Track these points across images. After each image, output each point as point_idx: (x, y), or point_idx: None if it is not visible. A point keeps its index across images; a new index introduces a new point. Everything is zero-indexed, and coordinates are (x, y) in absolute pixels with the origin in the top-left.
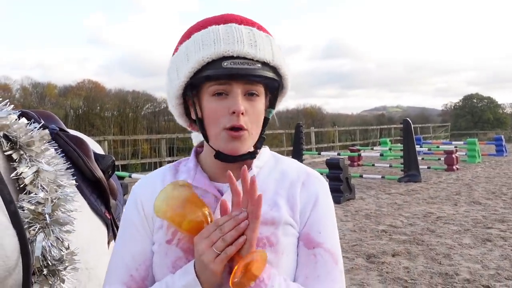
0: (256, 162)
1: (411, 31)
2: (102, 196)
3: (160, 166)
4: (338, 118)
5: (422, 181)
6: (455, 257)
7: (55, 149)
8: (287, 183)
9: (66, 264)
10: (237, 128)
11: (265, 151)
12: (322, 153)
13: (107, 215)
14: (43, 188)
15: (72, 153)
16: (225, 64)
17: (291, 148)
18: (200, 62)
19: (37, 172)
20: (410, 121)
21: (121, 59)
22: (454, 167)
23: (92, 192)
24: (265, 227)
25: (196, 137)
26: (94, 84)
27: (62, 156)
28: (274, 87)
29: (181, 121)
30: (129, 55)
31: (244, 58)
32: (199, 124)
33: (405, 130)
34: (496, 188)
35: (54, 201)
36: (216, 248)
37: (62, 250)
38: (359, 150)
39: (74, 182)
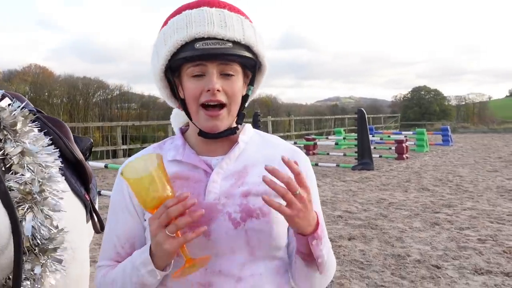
0: (242, 137)
1: (366, 24)
2: (82, 178)
3: (115, 154)
4: (293, 108)
5: (374, 169)
6: (407, 239)
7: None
8: (277, 159)
9: (56, 243)
10: (214, 105)
11: (248, 127)
12: None
13: (86, 197)
14: (29, 168)
15: (52, 134)
16: (197, 45)
17: None
18: (175, 45)
19: (22, 152)
20: (364, 111)
21: (73, 43)
22: (404, 156)
23: (73, 174)
24: (257, 198)
25: (175, 120)
26: (41, 69)
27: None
28: (251, 65)
29: (170, 102)
30: (82, 40)
31: (215, 38)
32: (182, 104)
33: (360, 120)
34: (443, 176)
35: (41, 181)
36: (168, 231)
37: (51, 229)
38: (314, 139)
39: (59, 163)
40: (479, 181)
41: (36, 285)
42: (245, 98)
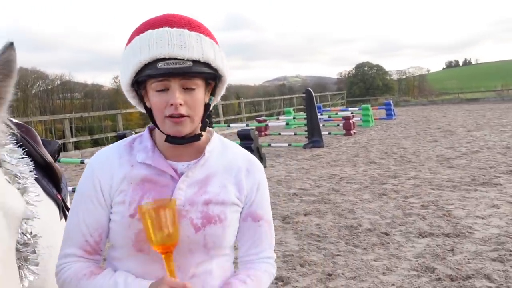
0: (207, 148)
1: (307, 3)
2: (53, 179)
3: (65, 147)
4: (242, 90)
5: (324, 146)
6: (358, 211)
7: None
8: (234, 169)
9: (31, 248)
10: (176, 115)
11: (214, 137)
12: (231, 125)
13: (58, 196)
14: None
15: (21, 140)
16: (159, 65)
17: None
18: (139, 65)
19: None
20: (312, 91)
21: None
22: (351, 131)
23: (44, 176)
24: (216, 206)
25: None
26: None
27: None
28: (212, 77)
29: (140, 108)
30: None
31: (175, 58)
32: (149, 114)
33: (308, 100)
34: (388, 149)
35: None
36: None
37: (27, 236)
38: (265, 120)
39: (33, 174)
40: (420, 151)
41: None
42: (207, 106)
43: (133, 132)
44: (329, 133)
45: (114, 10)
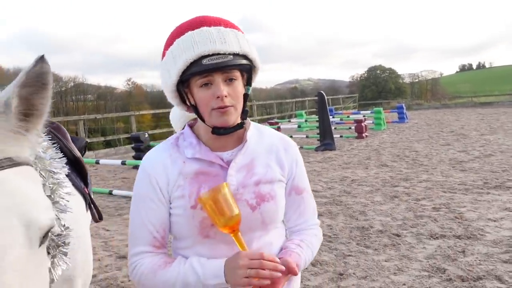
0: (247, 134)
1: (320, 6)
2: (81, 174)
3: None
4: (254, 92)
5: (336, 149)
6: (369, 213)
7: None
8: (274, 150)
9: (64, 239)
10: (223, 107)
11: (251, 124)
12: None
13: (86, 190)
14: (41, 174)
15: (53, 137)
16: (204, 61)
17: None
18: (185, 63)
19: (35, 160)
20: (324, 94)
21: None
22: (363, 134)
23: (73, 171)
24: (266, 185)
25: (174, 119)
26: None
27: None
28: (248, 69)
29: (180, 107)
30: (30, 31)
31: (218, 54)
32: (194, 109)
33: (320, 102)
34: (400, 152)
35: (51, 186)
36: (249, 272)
37: (60, 228)
38: (277, 123)
39: (66, 169)
40: (433, 154)
41: (50, 276)
42: (245, 96)
43: (146, 133)
44: (341, 136)
45: (127, 13)
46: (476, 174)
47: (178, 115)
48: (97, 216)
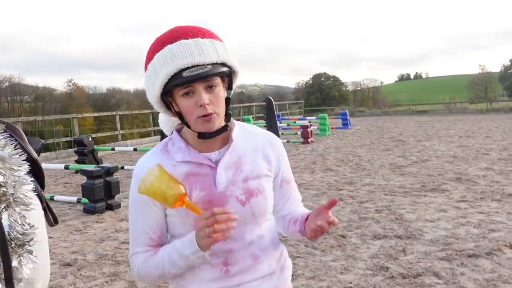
0: (233, 134)
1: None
2: (38, 176)
3: None
4: None
5: None
6: None
7: None
8: (260, 146)
9: (30, 237)
10: (207, 115)
11: (236, 124)
12: None
13: (43, 193)
14: (1, 172)
15: (9, 137)
16: (184, 74)
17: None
18: (166, 76)
19: None
20: (272, 99)
21: None
22: (309, 140)
23: (29, 172)
24: (254, 180)
25: (162, 122)
26: None
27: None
28: (228, 74)
29: (166, 114)
30: None
31: (197, 65)
32: (179, 117)
33: (268, 108)
34: (344, 156)
35: (13, 183)
36: (208, 231)
37: (24, 226)
38: None
39: (26, 166)
40: (374, 159)
41: (17, 276)
42: (227, 100)
43: (90, 137)
44: (288, 141)
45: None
46: (414, 177)
47: (165, 119)
48: (52, 220)
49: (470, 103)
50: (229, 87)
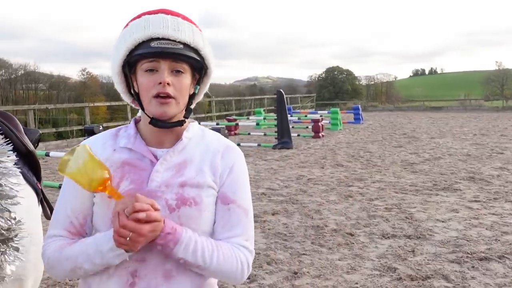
0: (186, 134)
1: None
2: (33, 168)
3: None
4: (213, 88)
5: (293, 148)
6: (324, 212)
7: None
8: (210, 153)
9: (15, 233)
10: (164, 96)
11: (194, 125)
12: (201, 123)
13: (39, 185)
14: None
15: (3, 127)
16: (153, 44)
17: None
18: (134, 42)
19: None
20: (283, 92)
21: None
22: (320, 134)
23: (24, 164)
24: (192, 189)
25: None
26: None
27: None
28: (198, 67)
29: (125, 97)
30: None
31: (168, 39)
32: (136, 97)
33: (279, 101)
34: (355, 152)
35: None
36: (122, 233)
37: (10, 221)
38: (236, 119)
39: (14, 157)
40: (386, 156)
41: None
42: (192, 96)
43: (100, 126)
44: (299, 135)
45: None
46: (426, 176)
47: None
48: (49, 213)
49: (486, 100)
50: (197, 83)
